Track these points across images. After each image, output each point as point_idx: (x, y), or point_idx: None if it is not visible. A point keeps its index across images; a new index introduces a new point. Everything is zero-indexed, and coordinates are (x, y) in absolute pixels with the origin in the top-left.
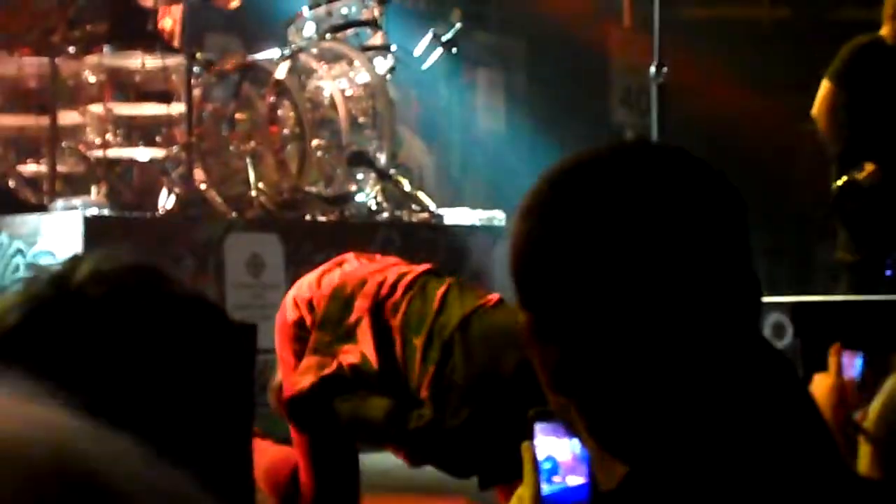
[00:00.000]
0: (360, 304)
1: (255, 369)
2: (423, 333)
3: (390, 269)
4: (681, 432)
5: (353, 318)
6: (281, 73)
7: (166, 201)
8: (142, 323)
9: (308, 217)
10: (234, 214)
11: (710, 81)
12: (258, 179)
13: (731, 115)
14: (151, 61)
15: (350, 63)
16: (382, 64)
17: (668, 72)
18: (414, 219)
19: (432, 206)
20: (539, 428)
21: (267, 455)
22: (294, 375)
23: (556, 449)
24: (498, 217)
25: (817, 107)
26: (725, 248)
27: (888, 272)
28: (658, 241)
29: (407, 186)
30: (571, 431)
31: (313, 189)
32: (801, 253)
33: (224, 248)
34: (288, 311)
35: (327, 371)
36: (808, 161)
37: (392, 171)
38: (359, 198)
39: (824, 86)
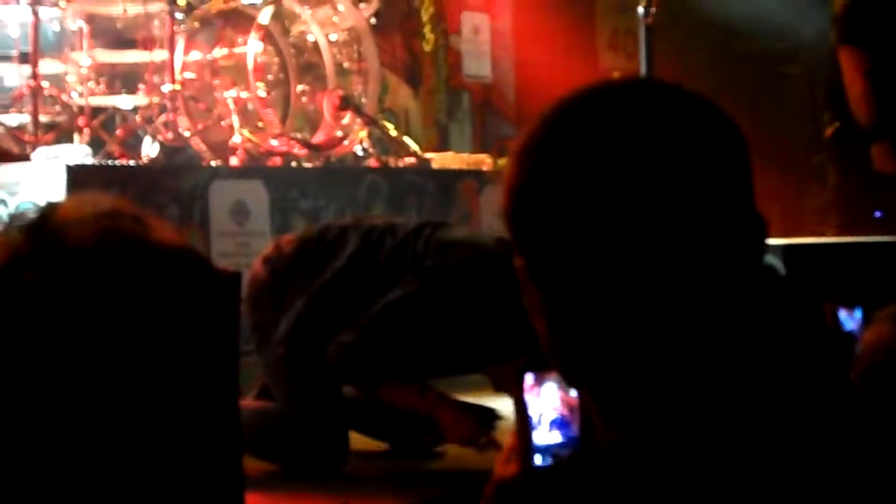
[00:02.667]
0: None
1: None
2: None
3: None
4: (679, 387)
5: None
6: (264, 18)
7: (150, 149)
8: (120, 269)
9: (293, 164)
10: (218, 162)
11: (699, 20)
12: (242, 126)
13: (719, 57)
14: (133, 7)
15: (334, 7)
16: (367, 8)
17: (655, 12)
18: (401, 164)
19: (418, 152)
20: (529, 378)
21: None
22: None
23: (546, 399)
24: (485, 161)
25: (847, 76)
26: (727, 187)
27: (877, 213)
28: (656, 180)
29: (393, 131)
30: (567, 384)
31: (298, 135)
32: (792, 195)
33: (208, 196)
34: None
35: None
36: (797, 100)
37: (378, 116)
38: (344, 144)
39: (843, 52)
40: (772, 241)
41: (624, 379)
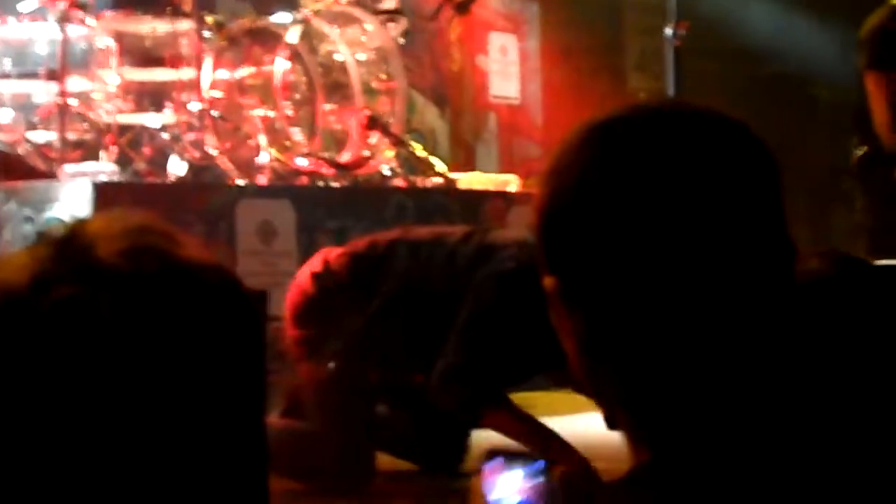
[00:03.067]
0: None
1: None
2: None
3: None
4: (711, 408)
5: None
6: (292, 37)
7: (177, 167)
8: (151, 286)
9: (320, 183)
10: (245, 181)
11: (726, 43)
12: (270, 145)
13: (747, 76)
14: (162, 26)
15: (362, 27)
16: (395, 28)
17: (684, 33)
18: (427, 184)
19: (445, 172)
20: (491, 464)
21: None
22: None
23: (510, 486)
24: (512, 182)
25: (874, 101)
26: (760, 212)
27: None
28: (692, 203)
29: (420, 151)
30: (599, 405)
31: (326, 155)
32: (818, 218)
33: (235, 215)
34: None
35: None
36: (824, 124)
37: (405, 135)
38: (372, 163)
39: (870, 78)
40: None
41: (656, 399)
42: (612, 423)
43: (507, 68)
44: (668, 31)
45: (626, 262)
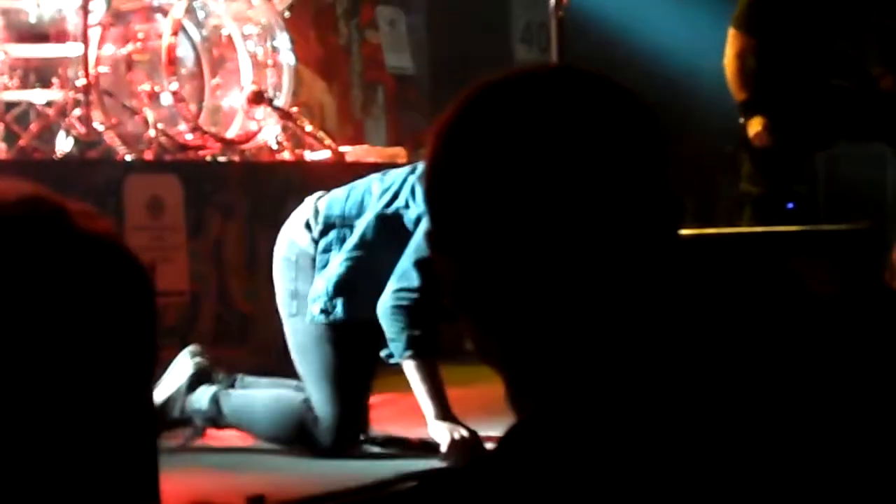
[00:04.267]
0: None
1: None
2: None
3: None
4: (589, 361)
5: None
6: (178, 11)
7: (64, 144)
8: (40, 254)
9: (208, 158)
10: (132, 156)
11: (609, 15)
12: (156, 120)
13: (631, 50)
14: (47, 1)
15: (248, 1)
16: (281, 2)
17: (567, 5)
18: (315, 158)
19: (333, 146)
20: None
21: None
22: None
23: None
24: (400, 154)
25: (726, 56)
26: (640, 169)
27: (790, 205)
28: (569, 159)
29: (308, 126)
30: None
31: (213, 129)
32: (705, 186)
33: (123, 190)
34: None
35: None
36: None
37: (292, 110)
38: (259, 138)
39: (730, 34)
40: (685, 232)
41: (534, 351)
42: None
43: (398, 40)
44: (552, 2)
45: (504, 216)
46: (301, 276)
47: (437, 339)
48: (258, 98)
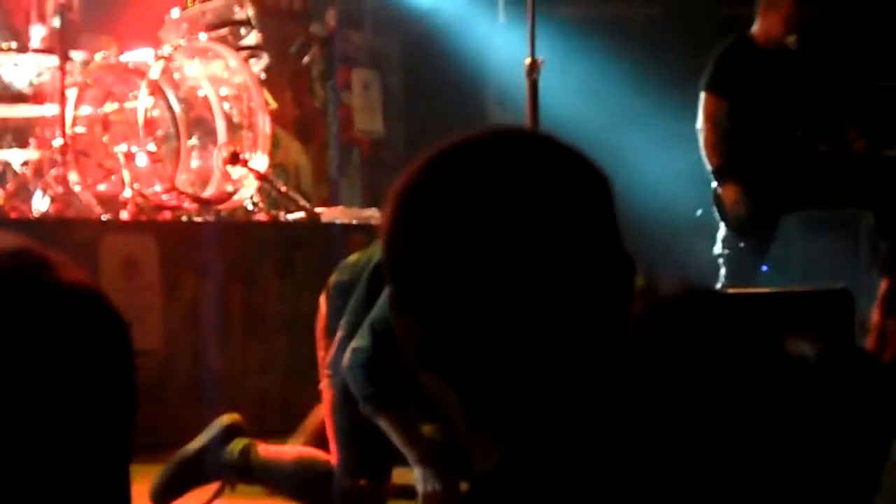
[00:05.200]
0: None
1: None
2: None
3: None
4: (553, 410)
5: None
6: (155, 73)
7: (41, 203)
8: (22, 307)
9: (184, 218)
10: (108, 216)
11: (586, 78)
12: (132, 181)
13: (606, 112)
14: (25, 62)
15: (225, 62)
16: (257, 64)
17: (542, 69)
18: (291, 219)
19: (308, 206)
20: None
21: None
22: None
23: None
24: (375, 216)
25: (699, 120)
26: (592, 230)
27: (764, 267)
28: (522, 221)
29: (283, 187)
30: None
31: (188, 190)
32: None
33: (99, 250)
34: None
35: None
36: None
37: (268, 171)
38: (235, 198)
39: (702, 97)
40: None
41: (495, 403)
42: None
43: (371, 103)
44: (526, 63)
45: (456, 275)
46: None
47: (398, 391)
48: (234, 159)
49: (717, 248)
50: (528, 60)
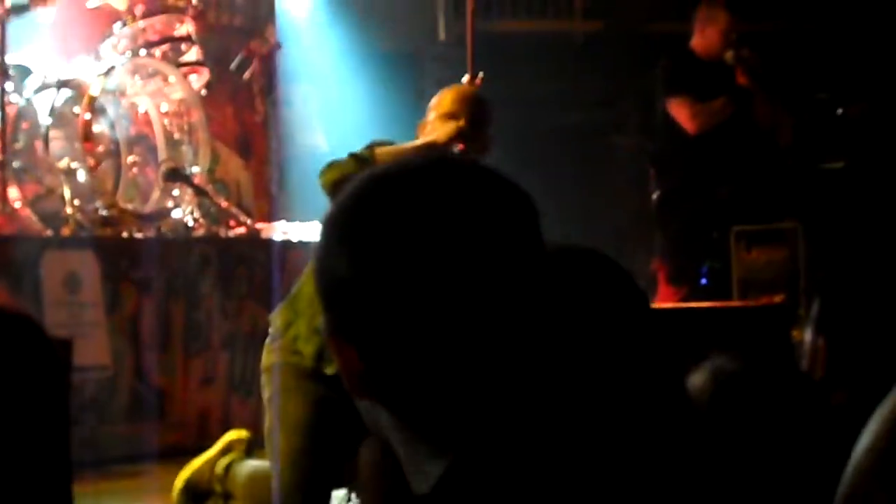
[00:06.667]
0: None
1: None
2: None
3: None
4: (491, 423)
5: None
6: (95, 89)
7: None
8: None
9: (125, 234)
10: (49, 232)
11: (524, 94)
12: (73, 197)
13: (544, 127)
14: None
15: (165, 79)
16: (198, 79)
17: (481, 84)
18: (231, 234)
19: (249, 222)
20: None
21: None
22: None
23: None
24: (315, 231)
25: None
26: (518, 251)
27: (703, 280)
28: (448, 247)
29: (224, 202)
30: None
31: (129, 206)
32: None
33: (41, 267)
34: None
35: None
36: (621, 172)
37: (208, 186)
38: (175, 214)
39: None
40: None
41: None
42: None
43: (308, 119)
44: (465, 80)
45: (389, 302)
46: None
47: None
48: (174, 175)
49: (655, 262)
50: (466, 77)
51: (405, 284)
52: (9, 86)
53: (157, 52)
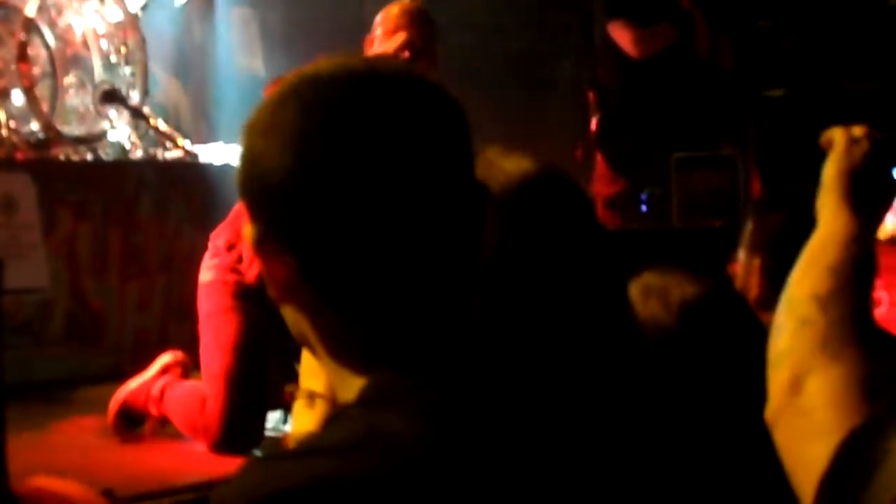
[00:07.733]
0: None
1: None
2: None
3: None
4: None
5: None
6: (31, 10)
7: None
8: None
9: (61, 157)
10: None
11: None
12: (8, 119)
13: (483, 49)
14: None
15: (102, 0)
16: (135, 1)
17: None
18: (169, 157)
19: (187, 145)
20: None
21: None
22: None
23: None
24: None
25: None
26: (451, 161)
27: (643, 207)
28: (381, 153)
29: (161, 125)
30: (307, 346)
31: (66, 128)
32: None
33: None
34: None
35: None
36: (561, 100)
37: (146, 109)
38: (112, 136)
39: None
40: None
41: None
42: None
43: (250, 41)
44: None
45: (327, 209)
46: None
47: None
48: (111, 97)
49: (595, 186)
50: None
51: (347, 183)
52: None
53: None
